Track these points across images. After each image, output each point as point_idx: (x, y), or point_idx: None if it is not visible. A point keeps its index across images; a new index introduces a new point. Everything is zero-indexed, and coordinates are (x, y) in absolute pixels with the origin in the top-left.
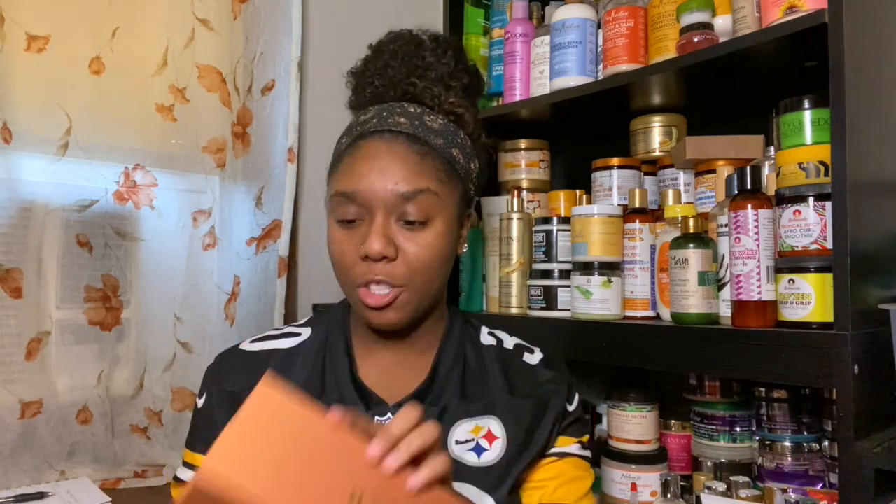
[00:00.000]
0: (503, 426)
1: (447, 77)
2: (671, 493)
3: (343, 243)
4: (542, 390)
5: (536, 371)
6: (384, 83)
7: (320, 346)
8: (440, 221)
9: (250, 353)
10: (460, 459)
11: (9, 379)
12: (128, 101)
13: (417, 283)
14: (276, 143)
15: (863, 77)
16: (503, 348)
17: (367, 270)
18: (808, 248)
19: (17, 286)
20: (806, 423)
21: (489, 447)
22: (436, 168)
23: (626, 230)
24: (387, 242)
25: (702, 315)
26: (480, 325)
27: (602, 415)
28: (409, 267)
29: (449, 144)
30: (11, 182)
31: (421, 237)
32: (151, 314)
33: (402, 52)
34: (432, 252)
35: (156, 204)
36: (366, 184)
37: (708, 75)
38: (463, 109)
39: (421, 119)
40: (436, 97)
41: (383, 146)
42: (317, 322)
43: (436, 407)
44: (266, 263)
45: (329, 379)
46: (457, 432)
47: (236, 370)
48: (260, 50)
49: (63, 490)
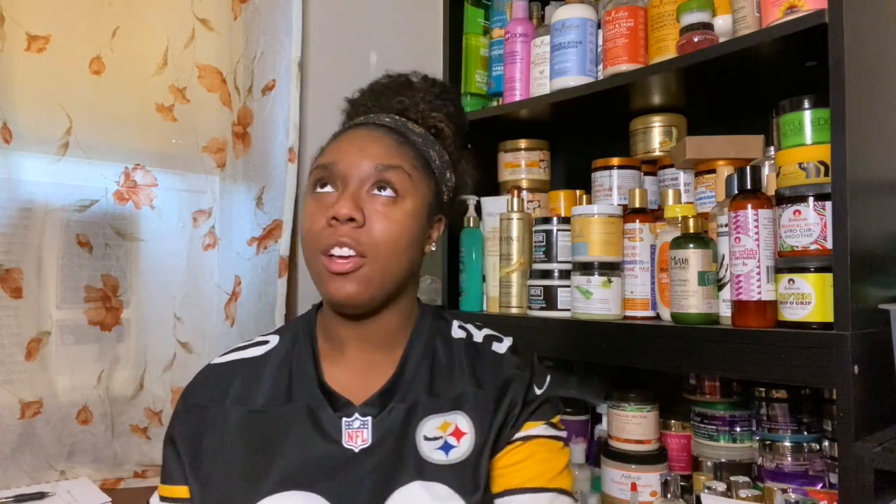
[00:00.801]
0: (470, 421)
1: (433, 100)
2: (671, 493)
3: (314, 214)
4: (505, 377)
5: (503, 360)
6: (376, 105)
7: (287, 352)
8: (410, 202)
9: (218, 367)
10: (428, 458)
11: (9, 379)
12: (128, 101)
13: (381, 257)
14: (276, 142)
15: (863, 77)
16: (472, 341)
17: (332, 233)
18: (808, 248)
19: (17, 286)
20: (806, 423)
21: (457, 444)
22: (411, 156)
23: (626, 230)
24: (355, 206)
25: (702, 315)
26: (452, 320)
27: (602, 415)
28: (373, 237)
29: (426, 145)
30: (11, 182)
31: (390, 211)
32: (151, 314)
33: (395, 85)
34: (399, 228)
35: (156, 204)
36: (344, 157)
37: (708, 75)
38: (443, 125)
39: (404, 123)
40: (420, 112)
41: (365, 132)
42: (286, 329)
43: (404, 404)
44: (267, 263)
45: (296, 385)
46: (425, 428)
47: (204, 384)
48: (260, 50)
49: (63, 490)
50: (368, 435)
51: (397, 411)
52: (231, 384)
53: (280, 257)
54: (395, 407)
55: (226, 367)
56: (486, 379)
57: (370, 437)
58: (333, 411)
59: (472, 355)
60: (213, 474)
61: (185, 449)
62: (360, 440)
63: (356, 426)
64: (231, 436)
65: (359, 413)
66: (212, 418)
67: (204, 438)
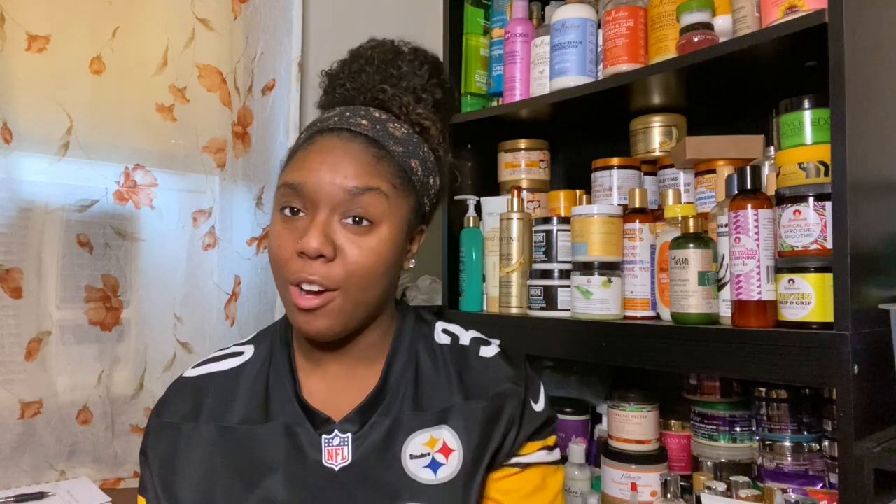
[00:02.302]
0: (457, 437)
1: (419, 89)
2: (671, 493)
3: (282, 237)
4: (497, 390)
5: (492, 366)
6: (355, 87)
7: (262, 365)
8: (386, 228)
9: (190, 380)
10: (415, 477)
11: (9, 379)
12: (128, 101)
13: (353, 290)
14: (276, 142)
15: (863, 77)
16: (459, 345)
17: (301, 268)
18: (808, 248)
19: (17, 286)
20: (806, 423)
21: (445, 461)
22: (390, 173)
23: (626, 230)
24: (325, 240)
25: (702, 315)
26: (435, 322)
27: (602, 415)
28: (346, 270)
29: (408, 154)
30: (11, 182)
31: (364, 241)
32: (151, 314)
33: (378, 59)
34: (373, 258)
35: (156, 204)
36: (314, 177)
37: (708, 75)
38: (430, 123)
39: (384, 125)
40: (404, 106)
41: (339, 143)
42: (260, 339)
43: (386, 418)
44: (267, 263)
45: (273, 400)
46: (411, 446)
47: (177, 399)
48: (260, 50)
49: (63, 490)
50: (349, 452)
51: (379, 427)
52: (204, 400)
53: None
54: (377, 422)
55: (198, 380)
56: (474, 389)
57: (350, 454)
58: (314, 429)
59: (458, 363)
60: (188, 499)
61: (157, 470)
62: (339, 458)
63: (336, 443)
64: (205, 456)
65: (338, 430)
66: (185, 438)
67: (177, 460)
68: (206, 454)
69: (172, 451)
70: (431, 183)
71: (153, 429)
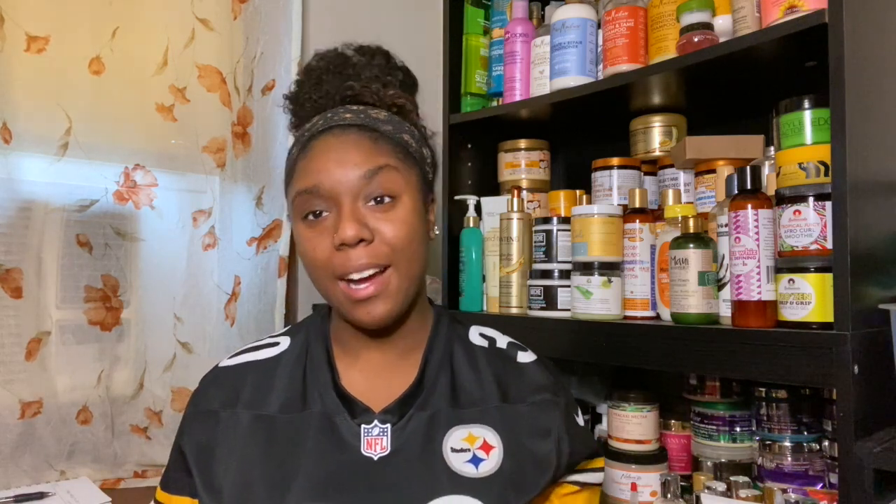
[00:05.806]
0: (498, 436)
1: (381, 75)
2: (671, 493)
3: (313, 240)
4: (537, 399)
5: (530, 372)
6: (321, 95)
7: (300, 355)
8: (407, 198)
9: (228, 369)
10: (459, 471)
11: (9, 379)
12: (128, 101)
13: (403, 263)
14: (276, 143)
15: (863, 77)
16: (496, 348)
17: (345, 260)
18: (808, 248)
19: (17, 286)
20: (806, 423)
21: (486, 457)
22: (390, 149)
23: (626, 230)
24: (360, 225)
25: (702, 315)
26: (469, 325)
27: (602, 415)
28: (389, 246)
29: (398, 131)
30: (11, 182)
31: (392, 215)
32: (151, 314)
33: (332, 66)
34: (406, 229)
35: (156, 204)
36: (326, 175)
37: (708, 75)
38: (404, 100)
39: (366, 113)
40: (375, 93)
41: (335, 140)
42: (296, 330)
43: (425, 412)
44: (266, 263)
45: (311, 390)
46: (451, 439)
47: (214, 387)
48: (260, 50)
49: (63, 490)
50: (388, 443)
51: (417, 420)
52: (242, 388)
53: (280, 257)
54: (415, 415)
55: (236, 369)
56: (512, 392)
57: (389, 444)
58: (352, 418)
59: (495, 365)
60: (227, 485)
61: (195, 461)
62: (378, 448)
63: (375, 433)
64: (243, 443)
65: (378, 420)
66: (223, 425)
67: (217, 448)
68: (244, 442)
69: (211, 437)
70: (426, 153)
71: (189, 418)
